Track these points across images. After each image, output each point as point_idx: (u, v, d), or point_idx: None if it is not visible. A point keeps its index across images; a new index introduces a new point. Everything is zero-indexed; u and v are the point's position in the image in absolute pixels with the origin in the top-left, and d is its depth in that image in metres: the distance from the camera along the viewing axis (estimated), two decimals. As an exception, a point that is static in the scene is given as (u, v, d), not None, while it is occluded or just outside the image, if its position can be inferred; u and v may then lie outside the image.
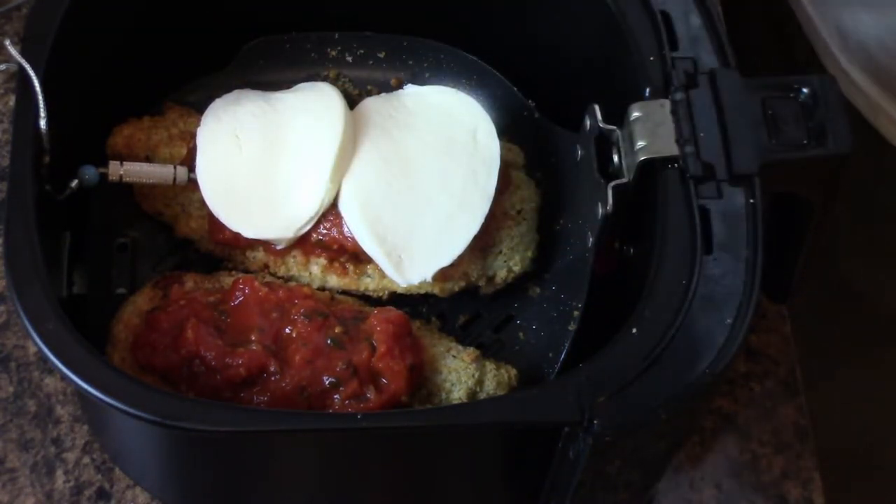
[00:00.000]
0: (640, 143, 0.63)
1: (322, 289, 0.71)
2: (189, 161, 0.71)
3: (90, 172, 0.68)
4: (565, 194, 0.73)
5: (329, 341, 0.65)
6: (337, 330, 0.66)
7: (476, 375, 0.67)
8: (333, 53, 0.80)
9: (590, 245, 0.67)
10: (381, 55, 0.80)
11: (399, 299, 0.71)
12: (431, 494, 0.68)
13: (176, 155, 0.72)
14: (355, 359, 0.65)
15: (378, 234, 0.69)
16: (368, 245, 0.69)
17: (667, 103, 0.64)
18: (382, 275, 0.70)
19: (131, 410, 0.55)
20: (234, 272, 0.71)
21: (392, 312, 0.67)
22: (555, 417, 0.57)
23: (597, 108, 0.66)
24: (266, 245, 0.71)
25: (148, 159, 0.72)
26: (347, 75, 0.80)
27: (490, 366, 0.69)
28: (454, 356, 0.68)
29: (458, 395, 0.67)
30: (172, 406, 0.56)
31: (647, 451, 0.64)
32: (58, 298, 0.60)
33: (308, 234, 0.70)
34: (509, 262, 0.72)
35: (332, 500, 0.69)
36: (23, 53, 0.64)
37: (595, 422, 0.55)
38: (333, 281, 0.71)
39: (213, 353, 0.64)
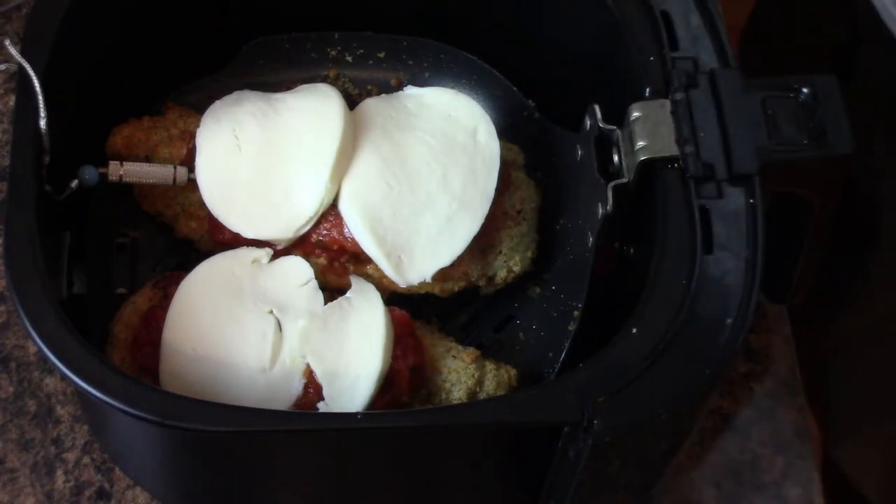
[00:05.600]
0: (640, 143, 0.63)
1: (322, 289, 0.71)
2: (189, 161, 0.71)
3: (90, 172, 0.68)
4: (565, 194, 0.73)
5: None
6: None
7: (476, 375, 0.67)
8: (333, 53, 0.80)
9: (590, 245, 0.67)
10: (381, 55, 0.80)
11: (399, 299, 0.71)
12: (431, 494, 0.68)
13: (176, 155, 0.72)
14: (356, 359, 0.65)
15: (378, 235, 0.69)
16: (368, 245, 0.69)
17: (667, 103, 0.64)
18: (382, 275, 0.70)
19: (131, 410, 0.55)
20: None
21: (395, 312, 0.67)
22: (555, 417, 0.57)
23: (597, 108, 0.66)
24: (266, 245, 0.71)
25: (148, 159, 0.72)
26: (347, 75, 0.80)
27: (490, 366, 0.69)
28: (454, 356, 0.68)
29: (458, 395, 0.67)
30: (172, 406, 0.56)
31: (647, 451, 0.64)
32: (58, 298, 0.60)
33: (308, 234, 0.70)
34: (509, 262, 0.72)
35: (332, 499, 0.69)
36: (23, 53, 0.64)
37: (595, 422, 0.55)
38: (333, 281, 0.71)
39: (213, 353, 0.64)
